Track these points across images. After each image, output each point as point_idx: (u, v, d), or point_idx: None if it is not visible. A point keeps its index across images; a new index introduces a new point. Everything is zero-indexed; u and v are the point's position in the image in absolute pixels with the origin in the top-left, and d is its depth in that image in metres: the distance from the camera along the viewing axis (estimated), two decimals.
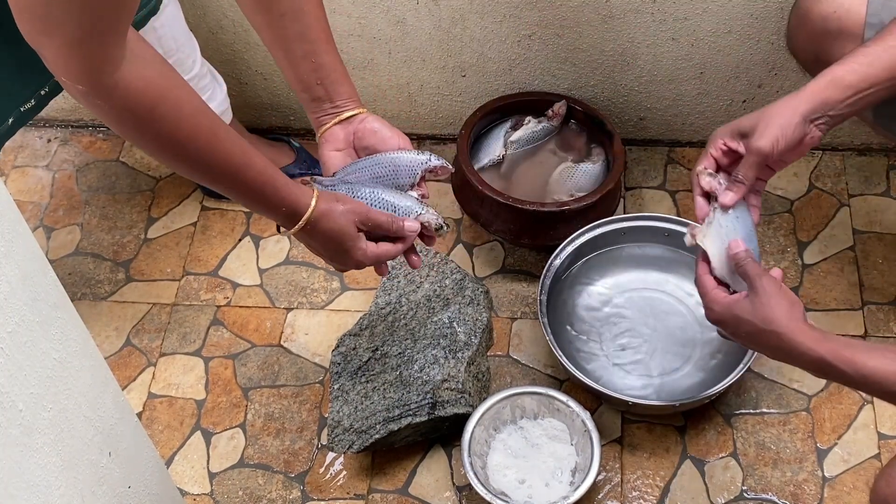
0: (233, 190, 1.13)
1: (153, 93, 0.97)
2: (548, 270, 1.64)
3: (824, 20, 1.38)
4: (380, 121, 1.29)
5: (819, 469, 1.55)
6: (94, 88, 0.94)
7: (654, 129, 1.89)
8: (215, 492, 1.59)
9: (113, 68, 0.93)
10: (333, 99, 1.26)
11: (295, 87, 1.27)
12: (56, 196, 1.95)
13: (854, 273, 1.74)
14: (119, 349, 1.75)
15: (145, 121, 0.99)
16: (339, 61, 1.26)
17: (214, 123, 1.06)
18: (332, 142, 1.29)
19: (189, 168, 1.09)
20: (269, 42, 1.24)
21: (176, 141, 1.03)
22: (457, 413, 1.54)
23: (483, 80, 1.83)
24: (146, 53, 0.98)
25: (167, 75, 1.01)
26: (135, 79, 0.95)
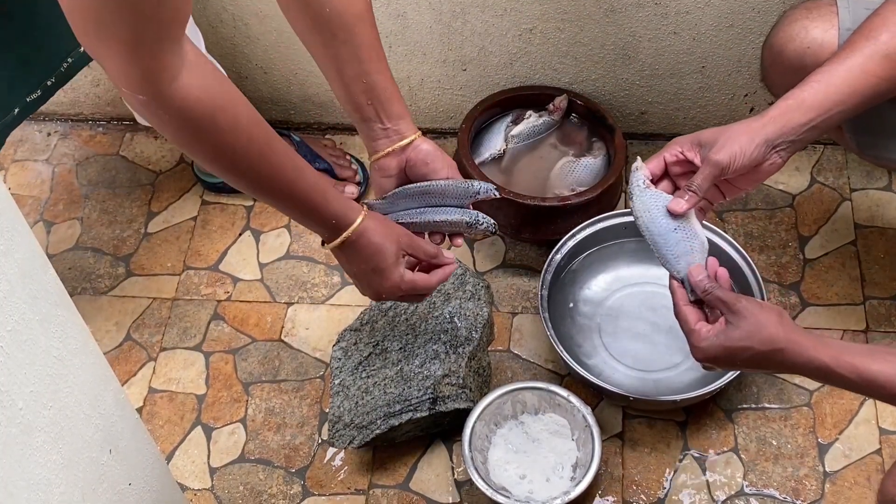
0: (283, 202, 1.15)
1: (212, 102, 0.98)
2: (549, 265, 1.64)
3: (800, 57, 1.37)
4: (432, 147, 1.29)
5: (820, 464, 1.55)
6: (154, 97, 0.93)
7: (656, 123, 1.88)
8: (216, 487, 1.59)
9: (171, 77, 0.93)
10: (384, 120, 1.26)
11: (346, 106, 1.27)
12: (56, 190, 1.95)
13: (856, 268, 1.73)
14: (119, 344, 1.75)
15: (204, 131, 0.99)
16: (391, 81, 1.26)
17: (269, 135, 1.07)
18: (384, 170, 1.30)
19: (243, 179, 1.10)
20: (320, 61, 1.24)
21: (233, 151, 1.03)
22: (458, 408, 1.54)
23: (484, 74, 1.82)
24: (203, 63, 0.98)
25: (225, 85, 1.01)
26: (195, 88, 0.95)
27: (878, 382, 1.09)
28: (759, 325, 1.15)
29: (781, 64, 1.42)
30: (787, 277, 1.73)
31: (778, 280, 1.73)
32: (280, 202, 1.15)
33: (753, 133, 1.22)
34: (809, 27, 1.38)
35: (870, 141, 1.42)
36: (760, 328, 1.15)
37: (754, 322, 1.16)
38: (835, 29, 1.36)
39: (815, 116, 1.22)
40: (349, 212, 1.19)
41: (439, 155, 1.30)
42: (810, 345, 1.13)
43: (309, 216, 1.17)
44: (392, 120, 1.27)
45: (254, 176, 1.08)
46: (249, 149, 1.04)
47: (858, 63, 1.22)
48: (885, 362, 1.08)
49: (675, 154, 1.27)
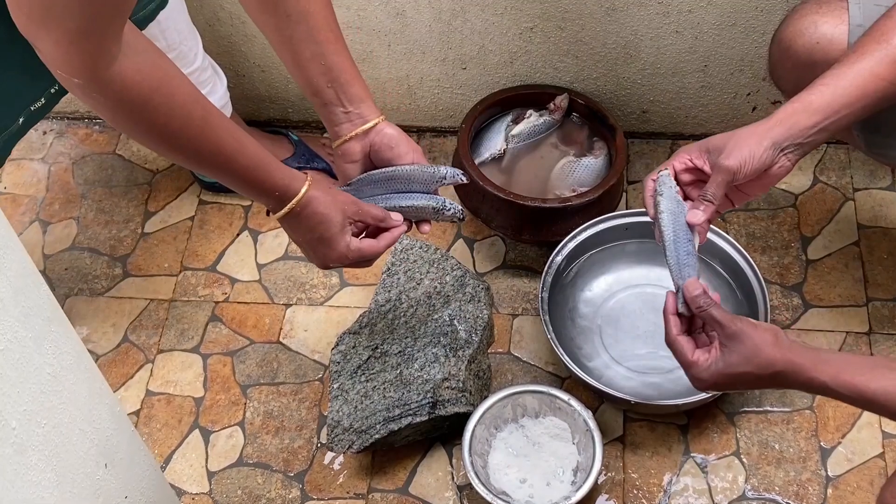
0: (226, 176, 1.13)
1: (147, 84, 0.97)
2: (549, 267, 1.62)
3: (809, 52, 1.36)
4: (396, 131, 1.27)
5: (822, 468, 1.54)
6: (91, 81, 0.93)
7: (657, 121, 1.86)
8: (214, 491, 1.58)
9: (109, 61, 0.93)
10: (345, 103, 1.24)
11: (305, 91, 1.25)
12: (52, 190, 1.93)
13: (859, 269, 1.72)
14: (116, 345, 1.73)
15: (140, 112, 0.99)
16: (349, 62, 1.23)
17: (207, 111, 1.06)
18: (348, 155, 1.27)
19: (182, 156, 1.09)
20: (276, 44, 1.22)
21: (169, 131, 1.03)
22: (457, 412, 1.53)
23: (484, 72, 1.80)
24: (140, 44, 0.97)
25: (161, 65, 1.00)
26: (131, 71, 0.95)
27: (878, 402, 1.07)
28: (755, 348, 1.14)
29: (790, 59, 1.40)
30: (789, 279, 1.71)
31: (780, 281, 1.71)
32: (223, 176, 1.13)
33: (760, 136, 1.21)
34: (819, 22, 1.36)
35: (879, 140, 1.40)
36: (757, 351, 1.13)
37: (751, 346, 1.14)
38: (845, 25, 1.34)
39: (823, 119, 1.21)
40: (293, 182, 1.17)
41: (404, 139, 1.28)
42: (809, 365, 1.10)
43: (253, 188, 1.15)
44: (353, 103, 1.24)
45: (194, 154, 1.07)
46: (187, 127, 1.03)
47: (868, 66, 1.20)
48: (885, 379, 1.06)
49: (683, 162, 1.26)
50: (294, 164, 1.81)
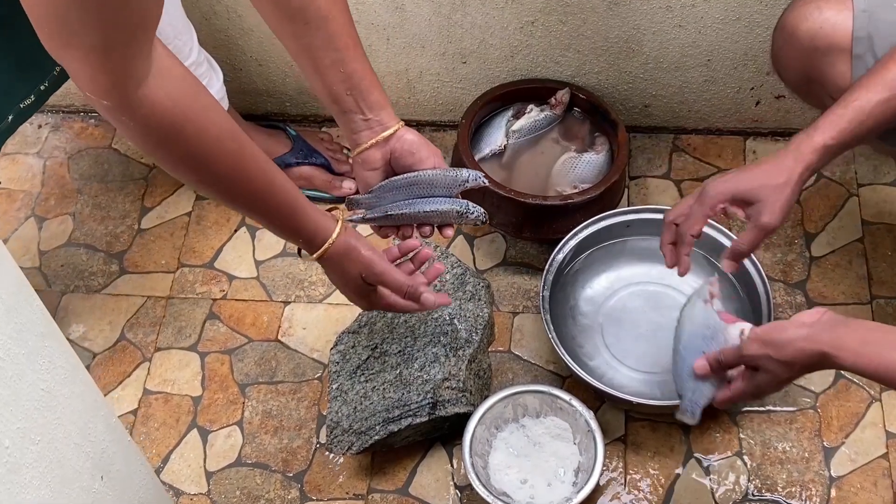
0: (254, 213, 1.13)
1: (180, 112, 0.94)
2: (550, 265, 1.60)
3: (812, 38, 1.34)
4: (415, 135, 1.25)
5: (826, 469, 1.52)
6: (119, 103, 0.89)
7: (660, 116, 1.84)
8: (212, 492, 1.57)
9: (138, 83, 0.89)
10: (364, 111, 1.21)
11: (324, 99, 1.22)
12: (48, 185, 1.91)
13: (863, 266, 1.70)
14: (113, 344, 1.72)
15: (171, 141, 0.96)
16: (369, 69, 1.21)
17: (241, 146, 1.04)
18: (368, 162, 1.25)
19: (212, 190, 1.07)
20: (294, 52, 1.20)
21: (201, 163, 1.00)
22: (458, 413, 1.51)
23: (484, 67, 1.78)
24: (175, 70, 0.94)
25: (196, 95, 0.97)
26: (162, 96, 0.91)
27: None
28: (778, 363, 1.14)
29: (792, 46, 1.39)
30: (792, 276, 1.70)
31: (783, 279, 1.70)
32: (251, 213, 1.13)
33: (794, 184, 1.24)
34: (823, 7, 1.35)
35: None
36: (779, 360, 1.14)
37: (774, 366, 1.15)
38: (849, 10, 1.33)
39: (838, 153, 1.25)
40: (322, 227, 1.18)
41: (424, 144, 1.26)
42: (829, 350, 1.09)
43: (281, 228, 1.16)
44: (373, 110, 1.22)
45: (224, 188, 1.06)
46: (219, 161, 1.01)
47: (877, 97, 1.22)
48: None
49: (718, 210, 1.28)
50: (292, 159, 1.79)
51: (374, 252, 1.24)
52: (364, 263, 1.23)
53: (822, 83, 1.36)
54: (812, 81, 1.38)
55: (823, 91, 1.37)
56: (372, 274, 1.24)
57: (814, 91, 1.40)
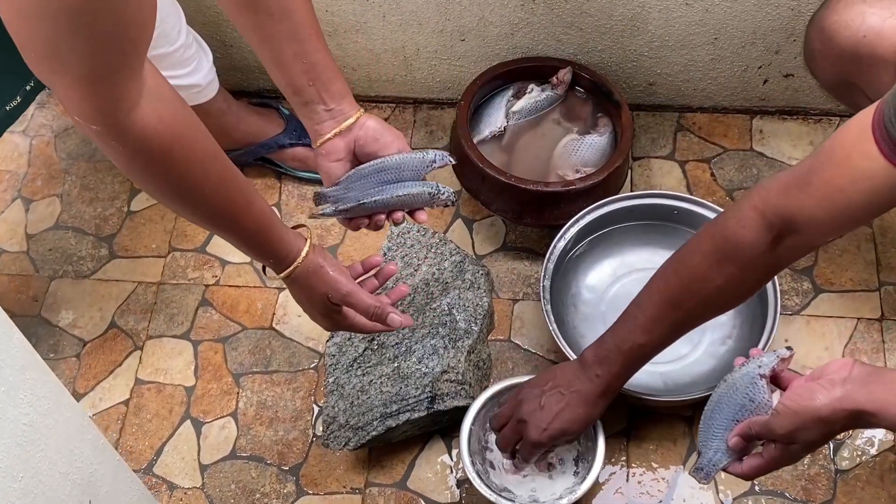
0: (230, 234, 1.11)
1: (169, 134, 0.91)
2: (551, 254, 1.56)
3: (855, 46, 1.27)
4: (378, 122, 1.22)
5: (832, 463, 1.50)
6: (109, 128, 0.86)
7: (664, 94, 1.79)
8: (207, 485, 1.54)
9: (129, 107, 0.86)
10: (326, 101, 1.18)
11: (285, 90, 1.19)
12: (34, 164, 1.86)
13: (871, 251, 1.66)
14: (104, 332, 1.68)
15: (158, 163, 0.93)
16: (330, 59, 1.17)
17: (224, 168, 1.02)
18: (332, 153, 1.21)
19: (191, 212, 1.05)
20: (256, 44, 1.15)
21: (186, 186, 0.98)
22: (457, 406, 1.48)
23: (483, 44, 1.72)
24: (163, 91, 0.91)
25: (183, 116, 0.94)
26: (153, 120, 0.88)
27: None
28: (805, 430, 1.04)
29: (832, 51, 1.32)
30: (799, 262, 1.66)
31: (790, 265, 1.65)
32: (225, 233, 1.12)
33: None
34: (867, 13, 1.27)
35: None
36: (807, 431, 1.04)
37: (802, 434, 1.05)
38: (894, 18, 1.25)
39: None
40: (292, 251, 1.16)
41: (387, 129, 1.23)
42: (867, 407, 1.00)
43: (252, 249, 1.15)
44: (335, 100, 1.19)
45: (205, 211, 1.04)
46: (203, 184, 0.99)
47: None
48: None
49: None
50: (286, 140, 1.74)
51: (340, 272, 1.22)
52: (330, 284, 1.20)
53: (862, 89, 1.29)
54: (851, 86, 1.32)
55: (863, 96, 1.30)
56: (338, 294, 1.21)
57: (851, 95, 1.34)
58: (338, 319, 1.25)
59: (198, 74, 1.57)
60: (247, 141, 1.73)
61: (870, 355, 1.57)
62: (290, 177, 1.79)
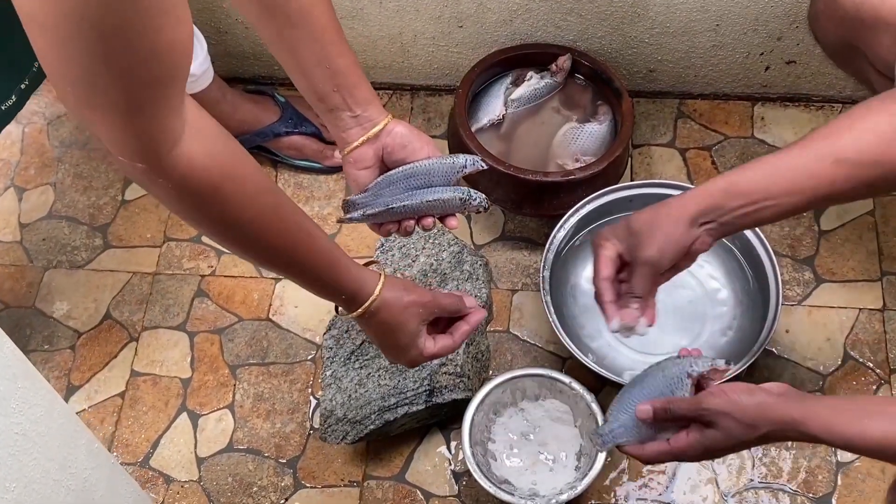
0: (292, 272, 1.06)
1: (218, 170, 0.87)
2: (550, 244, 1.54)
3: (857, 8, 1.25)
4: (407, 128, 1.18)
5: (833, 455, 1.49)
6: (154, 166, 0.82)
7: (665, 81, 1.77)
8: (204, 479, 1.53)
9: (172, 143, 0.82)
10: (352, 107, 1.14)
11: (309, 97, 1.15)
12: (27, 152, 1.83)
13: (873, 240, 1.65)
14: (99, 323, 1.66)
15: (210, 201, 0.88)
16: (355, 64, 1.14)
17: (279, 201, 0.98)
18: (360, 161, 1.18)
19: (251, 249, 1.00)
20: (277, 50, 1.12)
21: (241, 222, 0.93)
22: (455, 399, 1.47)
23: (481, 30, 1.69)
24: (208, 126, 0.87)
25: (232, 150, 0.90)
26: (199, 154, 0.84)
27: (874, 453, 1.00)
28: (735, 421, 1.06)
29: (835, 13, 1.30)
30: (800, 251, 1.64)
31: (791, 254, 1.64)
32: (289, 272, 1.06)
33: (676, 217, 1.16)
34: None
35: None
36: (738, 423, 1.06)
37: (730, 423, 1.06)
38: None
39: (745, 204, 1.14)
40: (365, 283, 1.10)
41: (416, 135, 1.19)
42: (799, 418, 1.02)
43: (320, 286, 1.09)
44: (361, 106, 1.15)
45: (264, 247, 0.99)
46: (259, 218, 0.95)
47: (804, 163, 1.11)
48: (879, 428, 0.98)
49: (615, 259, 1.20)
50: (281, 128, 1.72)
51: (417, 293, 1.18)
52: (420, 298, 1.16)
53: (864, 54, 1.28)
54: (853, 50, 1.30)
55: (865, 62, 1.28)
56: (428, 303, 1.17)
57: (854, 60, 1.32)
58: (421, 349, 1.19)
59: (193, 63, 1.55)
60: (242, 129, 1.70)
61: (871, 346, 1.56)
62: (286, 165, 1.77)
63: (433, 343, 1.20)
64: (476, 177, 1.59)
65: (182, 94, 0.80)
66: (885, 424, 0.99)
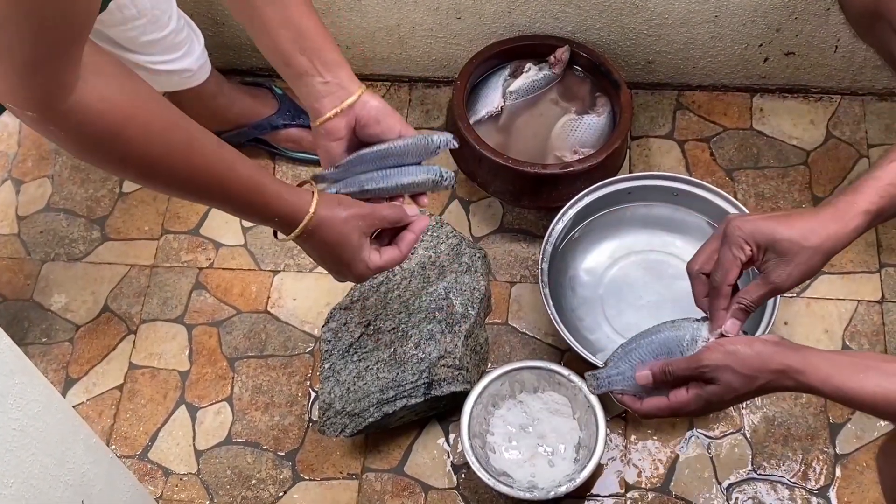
0: (217, 203, 1.04)
1: (118, 114, 0.87)
2: (549, 236, 1.54)
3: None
4: (381, 102, 1.17)
5: (831, 446, 1.49)
6: (45, 115, 0.83)
7: (663, 72, 1.76)
8: (202, 471, 1.53)
9: (67, 92, 0.82)
10: (321, 72, 1.12)
11: (276, 63, 1.14)
12: (24, 144, 1.83)
13: (871, 233, 1.64)
14: (97, 315, 1.66)
15: (109, 145, 0.88)
16: (320, 25, 1.12)
17: (190, 135, 0.96)
18: (332, 133, 1.16)
19: (164, 186, 1.00)
20: (240, 14, 1.11)
21: (147, 162, 0.93)
22: (454, 391, 1.47)
23: (480, 22, 1.69)
24: (107, 69, 0.86)
25: (132, 91, 0.89)
26: (94, 101, 0.84)
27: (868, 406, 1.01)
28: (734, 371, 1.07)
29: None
30: None
31: None
32: (214, 203, 1.05)
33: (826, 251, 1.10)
34: None
35: None
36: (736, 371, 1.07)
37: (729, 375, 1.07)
38: None
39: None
40: (298, 203, 1.08)
41: (389, 111, 1.18)
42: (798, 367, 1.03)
43: (250, 213, 1.07)
44: (331, 70, 1.13)
45: (178, 183, 0.98)
46: (168, 155, 0.94)
47: None
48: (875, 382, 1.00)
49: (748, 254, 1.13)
50: (279, 121, 1.71)
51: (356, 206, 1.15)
52: (358, 211, 1.13)
53: (889, 20, 1.27)
54: (879, 18, 1.29)
55: (889, 30, 1.28)
56: (367, 214, 1.14)
57: (876, 28, 1.32)
58: (366, 262, 1.16)
59: (189, 58, 1.55)
60: (240, 122, 1.70)
61: (870, 338, 1.56)
62: (283, 158, 1.77)
63: (378, 255, 1.17)
64: (474, 167, 1.60)
65: (83, 48, 0.81)
66: (880, 379, 1.00)
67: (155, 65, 1.50)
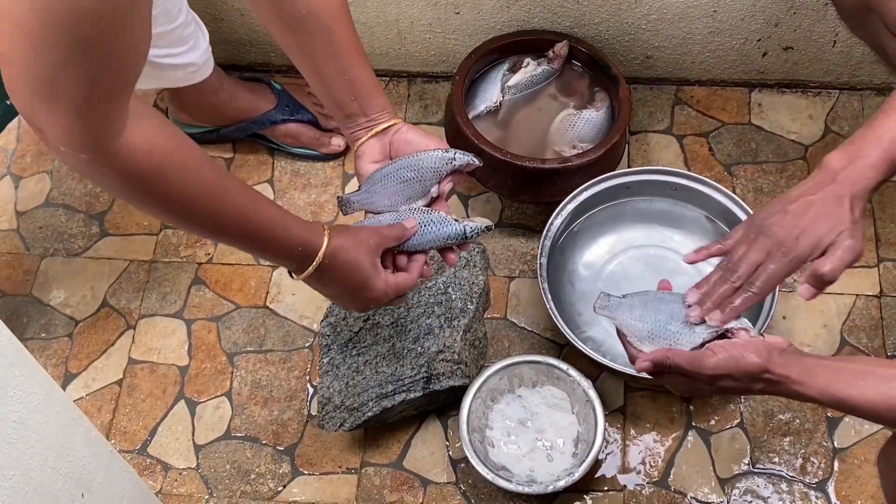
0: (242, 240, 1.08)
1: (158, 153, 0.91)
2: (548, 231, 1.54)
3: None
4: (415, 130, 1.23)
5: (829, 441, 1.49)
6: (98, 156, 0.86)
7: (662, 67, 1.76)
8: (202, 466, 1.53)
9: (118, 133, 0.86)
10: (368, 113, 1.20)
11: (328, 104, 1.21)
12: (23, 140, 1.83)
13: (869, 227, 1.65)
14: (96, 310, 1.66)
15: (152, 183, 0.92)
16: (371, 74, 1.19)
17: (220, 174, 1.02)
18: (368, 154, 1.22)
19: (198, 224, 1.03)
20: (299, 62, 1.18)
21: (184, 199, 0.97)
22: (453, 386, 1.47)
23: (478, 17, 1.69)
24: (143, 109, 0.90)
25: (168, 132, 0.94)
26: (140, 141, 0.88)
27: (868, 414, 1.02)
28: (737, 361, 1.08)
29: None
30: None
31: None
32: (239, 240, 1.08)
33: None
34: None
35: None
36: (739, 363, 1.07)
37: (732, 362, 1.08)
38: None
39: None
40: (314, 236, 1.11)
41: (422, 134, 1.23)
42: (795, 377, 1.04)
43: (272, 249, 1.10)
44: (377, 112, 1.21)
45: (210, 220, 1.02)
46: (202, 193, 0.98)
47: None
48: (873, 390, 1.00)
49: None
50: (278, 116, 1.71)
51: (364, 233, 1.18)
52: (365, 234, 1.16)
53: (879, 15, 1.28)
54: (868, 12, 1.30)
55: (880, 23, 1.29)
56: (374, 238, 1.17)
57: (867, 22, 1.33)
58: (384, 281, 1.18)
59: (194, 53, 1.55)
60: (239, 117, 1.70)
61: (868, 332, 1.56)
62: (282, 153, 1.77)
63: (394, 277, 1.20)
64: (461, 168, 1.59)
65: (132, 90, 0.84)
66: (878, 384, 1.00)
67: (161, 58, 1.50)
